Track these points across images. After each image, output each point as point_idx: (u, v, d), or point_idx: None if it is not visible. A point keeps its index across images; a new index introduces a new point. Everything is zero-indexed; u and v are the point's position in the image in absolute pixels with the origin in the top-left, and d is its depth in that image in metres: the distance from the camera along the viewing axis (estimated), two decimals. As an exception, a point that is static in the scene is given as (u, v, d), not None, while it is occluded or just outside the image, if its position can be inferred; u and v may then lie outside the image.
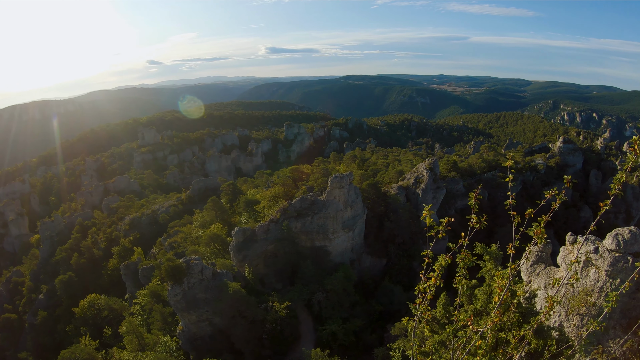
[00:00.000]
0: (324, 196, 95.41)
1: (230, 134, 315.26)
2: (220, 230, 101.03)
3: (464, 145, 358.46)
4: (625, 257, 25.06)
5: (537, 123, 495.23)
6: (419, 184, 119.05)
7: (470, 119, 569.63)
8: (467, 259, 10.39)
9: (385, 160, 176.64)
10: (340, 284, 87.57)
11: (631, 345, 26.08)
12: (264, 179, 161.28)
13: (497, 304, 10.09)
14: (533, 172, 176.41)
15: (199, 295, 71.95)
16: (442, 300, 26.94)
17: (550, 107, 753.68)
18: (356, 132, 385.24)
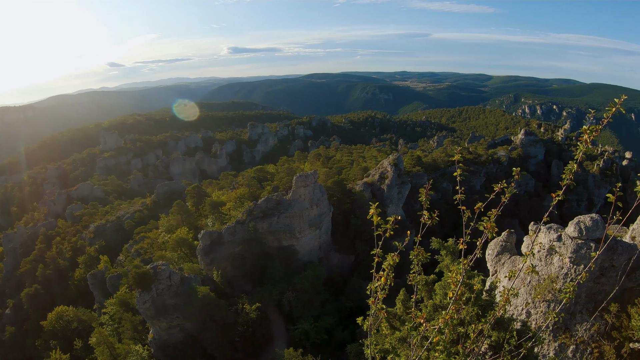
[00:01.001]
0: (289, 195, 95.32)
1: (193, 136, 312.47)
2: (186, 234, 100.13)
3: (427, 140, 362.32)
4: (588, 243, 25.56)
5: (499, 116, 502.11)
6: (384, 179, 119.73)
7: (433, 114, 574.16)
8: (420, 256, 10.30)
9: (350, 157, 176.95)
10: (309, 282, 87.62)
11: (598, 328, 26.70)
12: (229, 180, 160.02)
13: (452, 299, 10.13)
14: (496, 164, 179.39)
15: (168, 302, 71.16)
16: (401, 296, 27.07)
17: (512, 101, 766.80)
18: (320, 131, 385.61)
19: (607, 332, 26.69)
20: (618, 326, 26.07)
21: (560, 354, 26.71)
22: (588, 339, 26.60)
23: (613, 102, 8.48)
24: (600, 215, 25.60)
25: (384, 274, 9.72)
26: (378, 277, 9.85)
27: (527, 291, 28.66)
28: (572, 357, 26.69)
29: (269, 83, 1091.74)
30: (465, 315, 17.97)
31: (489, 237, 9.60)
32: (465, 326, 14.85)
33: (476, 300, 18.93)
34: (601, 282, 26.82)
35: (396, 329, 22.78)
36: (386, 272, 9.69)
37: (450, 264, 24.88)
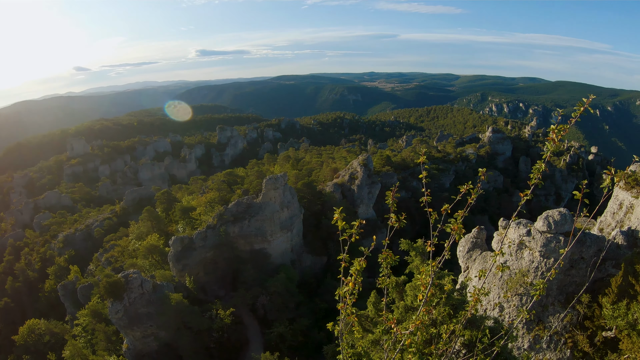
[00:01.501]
0: (260, 198, 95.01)
1: (162, 141, 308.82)
2: (157, 240, 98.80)
3: (396, 139, 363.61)
4: (557, 237, 25.87)
5: (466, 115, 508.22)
6: (353, 180, 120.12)
7: (401, 114, 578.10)
8: (389, 259, 10.33)
9: (319, 158, 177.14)
10: (282, 285, 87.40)
11: (571, 319, 27.07)
12: (199, 184, 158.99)
13: (423, 301, 10.13)
14: (465, 161, 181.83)
15: (141, 310, 70.03)
16: (372, 299, 27.15)
17: (479, 100, 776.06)
18: (289, 133, 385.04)
19: (579, 322, 26.86)
20: (590, 316, 26.29)
21: (535, 346, 27.08)
22: (561, 330, 26.83)
23: (581, 102, 8.52)
24: (568, 210, 26.04)
25: (351, 279, 9.68)
26: (346, 282, 9.79)
27: (500, 286, 28.90)
28: (546, 348, 26.97)
29: (237, 86, 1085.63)
30: (437, 315, 18.05)
31: (457, 239, 9.49)
32: (437, 326, 14.87)
33: (447, 300, 19.01)
34: (571, 274, 27.09)
35: (369, 331, 22.82)
36: (354, 277, 9.66)
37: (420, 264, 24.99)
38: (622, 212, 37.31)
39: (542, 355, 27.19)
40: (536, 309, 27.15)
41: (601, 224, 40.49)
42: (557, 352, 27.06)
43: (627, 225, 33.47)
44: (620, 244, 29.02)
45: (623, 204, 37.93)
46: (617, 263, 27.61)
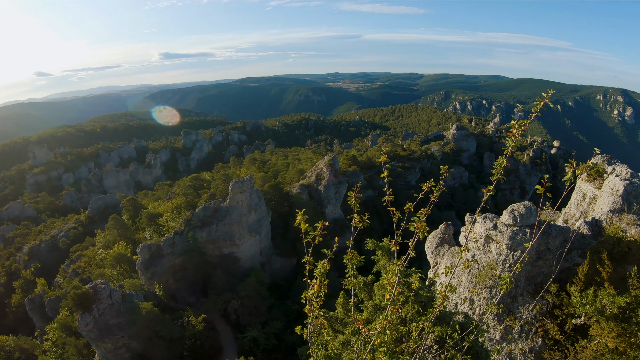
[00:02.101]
0: (227, 202, 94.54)
1: (126, 147, 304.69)
2: (124, 249, 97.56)
3: (362, 139, 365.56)
4: (523, 230, 26.29)
5: (431, 113, 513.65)
6: (320, 180, 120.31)
7: (366, 113, 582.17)
8: (354, 260, 10.24)
9: (285, 160, 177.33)
10: (253, 288, 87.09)
11: (540, 308, 27.54)
12: (165, 190, 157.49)
13: (390, 301, 10.11)
14: (430, 159, 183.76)
15: (111, 321, 68.88)
16: (341, 299, 27.23)
17: (443, 98, 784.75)
18: (255, 135, 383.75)
19: (549, 311, 27.33)
20: (559, 304, 26.76)
21: (507, 336, 27.47)
22: (532, 320, 27.25)
23: (541, 97, 8.59)
24: (533, 203, 26.54)
25: (316, 281, 9.65)
26: (312, 284, 9.77)
27: (469, 280, 29.28)
28: (518, 338, 27.36)
29: (201, 89, 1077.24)
30: (406, 313, 18.15)
31: (421, 237, 9.50)
32: (407, 324, 14.89)
33: (416, 298, 19.15)
34: (539, 265, 27.55)
35: (339, 332, 22.86)
36: (318, 280, 9.63)
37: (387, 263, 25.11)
38: (585, 203, 38.12)
39: (514, 345, 27.61)
40: (506, 300, 27.56)
41: (566, 215, 41.28)
42: (529, 342, 27.48)
43: (591, 215, 34.15)
44: (585, 234, 29.66)
45: (586, 195, 38.77)
46: (582, 252, 28.20)
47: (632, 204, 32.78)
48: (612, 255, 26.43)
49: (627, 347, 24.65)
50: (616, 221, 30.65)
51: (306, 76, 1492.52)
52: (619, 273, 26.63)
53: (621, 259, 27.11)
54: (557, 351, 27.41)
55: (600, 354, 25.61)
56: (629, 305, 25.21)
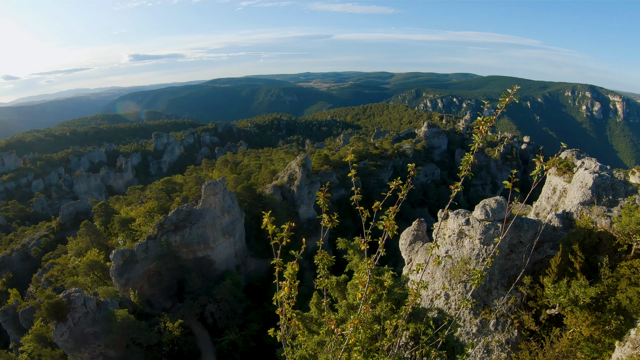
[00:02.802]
0: (200, 205, 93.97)
1: (97, 151, 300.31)
2: (97, 255, 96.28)
3: (334, 138, 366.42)
4: (495, 224, 26.66)
5: (402, 111, 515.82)
6: (293, 181, 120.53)
7: (338, 113, 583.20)
8: (325, 260, 10.30)
9: (258, 161, 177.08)
10: (229, 291, 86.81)
11: (515, 300, 27.96)
12: (137, 194, 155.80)
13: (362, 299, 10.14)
14: (402, 157, 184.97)
15: (87, 330, 67.86)
16: (314, 300, 27.29)
17: (414, 96, 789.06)
18: (226, 136, 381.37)
19: (523, 303, 27.79)
20: (533, 296, 27.23)
21: (483, 329, 27.83)
22: (507, 312, 27.66)
23: (506, 93, 8.67)
24: (504, 197, 26.97)
25: (286, 283, 9.67)
26: (282, 286, 9.81)
27: (443, 275, 29.61)
28: (494, 330, 27.74)
29: (172, 90, 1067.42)
30: (379, 311, 18.28)
31: (390, 236, 9.47)
32: (381, 322, 14.99)
33: (389, 296, 19.27)
34: (512, 258, 27.93)
35: (314, 332, 22.92)
36: (288, 282, 9.64)
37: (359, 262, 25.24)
38: (556, 197, 38.78)
39: (491, 337, 27.96)
40: (481, 294, 27.91)
41: (537, 208, 41.96)
42: (505, 333, 27.87)
43: (562, 208, 34.76)
44: (557, 226, 30.19)
45: (556, 188, 39.42)
46: (554, 244, 28.71)
47: (602, 196, 33.44)
48: (583, 246, 26.89)
49: (602, 335, 25.19)
50: (586, 213, 31.24)
51: (277, 76, 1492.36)
52: (591, 263, 27.15)
53: (592, 250, 27.65)
54: (533, 341, 27.83)
55: (575, 343, 26.10)
56: (602, 294, 25.76)
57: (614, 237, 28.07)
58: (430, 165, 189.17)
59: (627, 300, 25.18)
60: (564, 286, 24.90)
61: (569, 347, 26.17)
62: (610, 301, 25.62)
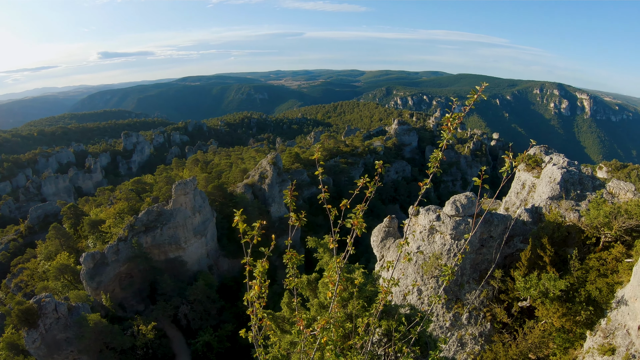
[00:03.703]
0: (170, 205, 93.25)
1: (65, 151, 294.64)
2: (67, 259, 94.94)
3: (304, 136, 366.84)
4: (465, 219, 27.08)
5: (372, 109, 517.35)
6: (264, 179, 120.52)
7: (308, 111, 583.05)
8: (294, 259, 10.30)
9: (228, 160, 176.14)
10: (202, 292, 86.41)
11: (487, 294, 28.43)
12: (106, 195, 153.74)
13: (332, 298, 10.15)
14: (373, 154, 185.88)
15: (59, 336, 66.73)
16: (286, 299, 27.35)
17: (384, 94, 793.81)
18: (197, 135, 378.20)
19: (495, 296, 28.31)
20: (505, 289, 27.80)
21: (456, 323, 28.24)
22: (479, 305, 28.12)
23: (474, 90, 8.66)
24: (474, 193, 27.39)
25: (256, 282, 9.65)
26: (252, 285, 9.80)
27: (415, 270, 29.94)
28: (467, 323, 28.16)
29: (141, 89, 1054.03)
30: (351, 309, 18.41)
31: (358, 233, 9.50)
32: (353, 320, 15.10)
33: (360, 293, 19.40)
34: (483, 253, 28.39)
35: (287, 332, 22.98)
36: (258, 280, 9.62)
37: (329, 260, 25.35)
38: (525, 192, 39.56)
39: (464, 330, 28.37)
40: (453, 288, 28.33)
41: (506, 203, 42.71)
42: (478, 326, 28.31)
43: (531, 203, 35.43)
44: (526, 221, 30.76)
45: (525, 184, 40.14)
46: (524, 238, 29.28)
47: (570, 191, 34.17)
48: (552, 240, 27.39)
49: (573, 325, 25.79)
50: (555, 207, 31.89)
51: (248, 74, 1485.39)
52: (561, 256, 27.75)
53: (562, 243, 28.20)
54: (506, 334, 28.37)
55: (547, 334, 26.67)
56: (572, 286, 26.35)
57: (583, 231, 28.75)
58: (401, 162, 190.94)
59: (596, 291, 25.83)
60: (534, 279, 25.39)
61: (541, 338, 26.72)
62: (580, 292, 26.22)
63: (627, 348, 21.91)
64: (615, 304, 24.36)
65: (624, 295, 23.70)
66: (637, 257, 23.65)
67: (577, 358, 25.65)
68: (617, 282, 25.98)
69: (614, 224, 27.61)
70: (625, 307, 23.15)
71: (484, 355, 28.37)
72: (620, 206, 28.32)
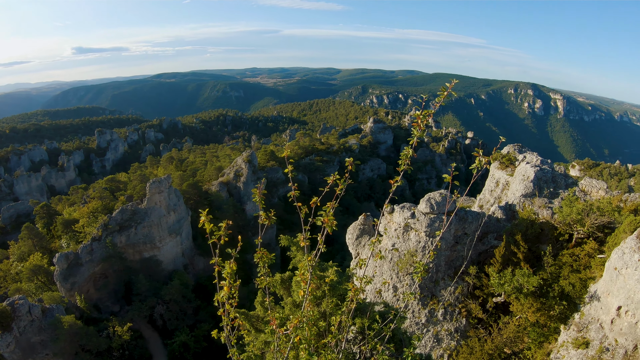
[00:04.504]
0: (145, 204, 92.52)
1: (37, 149, 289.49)
2: (41, 260, 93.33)
3: (280, 134, 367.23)
4: (440, 217, 27.35)
5: (348, 107, 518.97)
6: (239, 177, 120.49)
7: (284, 108, 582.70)
8: (264, 258, 10.27)
9: (204, 158, 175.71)
10: (177, 291, 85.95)
11: (462, 290, 28.82)
12: (80, 194, 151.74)
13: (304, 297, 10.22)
14: (348, 152, 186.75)
15: (33, 339, 65.53)
16: (259, 298, 27.43)
17: (360, 92, 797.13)
18: (171, 133, 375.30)
19: (470, 292, 28.68)
20: (479, 285, 28.16)
21: (432, 319, 28.63)
22: (454, 301, 28.47)
23: (444, 87, 8.66)
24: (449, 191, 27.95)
25: (226, 282, 9.66)
26: (221, 286, 9.84)
27: (391, 267, 30.23)
28: (442, 319, 28.53)
29: (116, 85, 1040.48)
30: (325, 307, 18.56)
31: (329, 231, 9.48)
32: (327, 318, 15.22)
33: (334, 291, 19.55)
34: (457, 250, 28.69)
35: (261, 331, 23.10)
36: (228, 281, 9.62)
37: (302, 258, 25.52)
38: (499, 189, 40.10)
39: (440, 326, 28.77)
40: (428, 285, 28.72)
41: (481, 201, 43.24)
42: (454, 322, 28.69)
43: (505, 200, 36.01)
44: (500, 218, 31.25)
45: (499, 181, 40.70)
46: (498, 235, 29.73)
47: (543, 189, 34.78)
48: (526, 237, 27.87)
49: (547, 320, 26.31)
50: (528, 205, 32.49)
51: (224, 71, 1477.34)
52: (534, 252, 28.28)
53: (535, 240, 28.71)
54: (481, 329, 28.80)
55: (522, 328, 27.19)
56: (546, 282, 26.89)
57: (556, 227, 29.31)
58: (377, 160, 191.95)
59: (570, 286, 26.39)
60: (508, 275, 25.82)
61: (516, 332, 27.24)
62: (554, 288, 26.74)
63: (600, 341, 22.42)
64: (588, 299, 24.94)
65: (596, 290, 24.25)
66: (609, 253, 24.11)
67: (551, 352, 26.13)
68: (589, 278, 26.59)
69: (586, 221, 28.22)
70: (598, 302, 23.69)
71: (460, 351, 28.80)
72: (593, 203, 28.98)
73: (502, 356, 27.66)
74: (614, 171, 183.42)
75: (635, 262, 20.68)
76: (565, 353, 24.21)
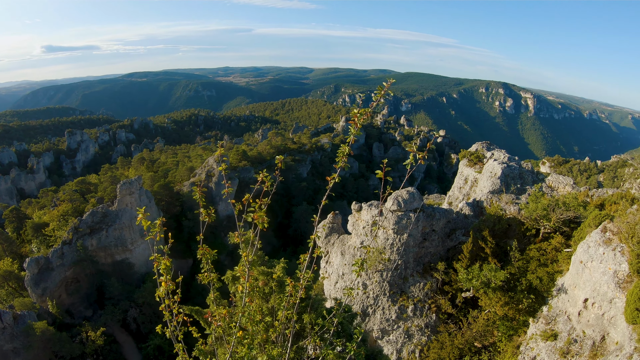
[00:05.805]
0: (115, 206, 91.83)
1: (6, 151, 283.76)
2: (11, 265, 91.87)
3: (252, 134, 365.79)
4: (407, 214, 27.88)
5: (320, 106, 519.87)
6: (211, 177, 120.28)
7: (256, 108, 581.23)
8: (207, 254, 10.48)
9: (175, 158, 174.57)
10: (150, 294, 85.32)
11: (431, 286, 29.46)
12: (50, 197, 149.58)
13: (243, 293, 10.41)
14: (320, 151, 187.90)
15: (6, 347, 64.57)
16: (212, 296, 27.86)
17: (333, 91, 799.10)
18: (143, 133, 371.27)
19: (439, 288, 29.26)
20: (448, 281, 28.84)
21: (402, 315, 29.27)
22: (424, 297, 28.99)
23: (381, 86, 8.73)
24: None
25: (163, 278, 9.81)
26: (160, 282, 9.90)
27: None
28: (413, 315, 29.11)
29: (86, 84, 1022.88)
30: (272, 303, 19.01)
31: (260, 227, 9.57)
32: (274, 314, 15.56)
33: (281, 288, 20.04)
34: (425, 246, 29.24)
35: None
36: (165, 277, 9.79)
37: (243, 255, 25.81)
38: (467, 186, 40.88)
39: (410, 322, 29.44)
40: (397, 281, 29.27)
41: (450, 198, 44.00)
42: (424, 318, 29.31)
43: (473, 197, 36.79)
44: (468, 214, 31.93)
45: (468, 179, 41.51)
46: (466, 231, 30.35)
47: (510, 185, 35.68)
48: (493, 232, 28.47)
49: (516, 313, 27.14)
50: (496, 201, 33.23)
51: (196, 70, 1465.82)
52: (502, 247, 29.00)
53: (502, 235, 29.37)
54: (451, 324, 29.53)
55: (491, 322, 27.93)
56: (513, 276, 27.73)
57: (523, 223, 30.09)
58: (349, 159, 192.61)
59: (537, 280, 27.17)
60: (476, 270, 26.41)
61: (486, 326, 27.98)
62: (522, 282, 27.47)
63: (568, 333, 23.11)
64: (555, 292, 25.71)
65: (564, 284, 25.02)
66: (576, 247, 24.83)
67: (521, 344, 26.72)
68: (557, 271, 27.33)
69: (552, 216, 29.04)
70: (565, 294, 24.44)
71: (430, 346, 29.33)
72: (558, 199, 29.81)
73: (473, 350, 28.31)
74: (583, 167, 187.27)
75: (600, 255, 21.46)
76: (535, 345, 24.95)
